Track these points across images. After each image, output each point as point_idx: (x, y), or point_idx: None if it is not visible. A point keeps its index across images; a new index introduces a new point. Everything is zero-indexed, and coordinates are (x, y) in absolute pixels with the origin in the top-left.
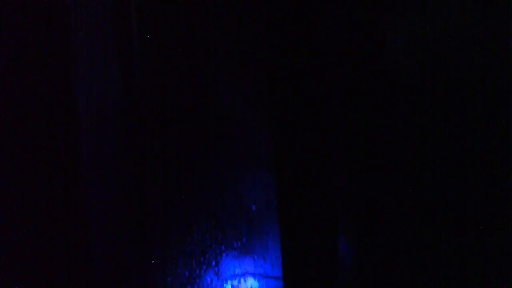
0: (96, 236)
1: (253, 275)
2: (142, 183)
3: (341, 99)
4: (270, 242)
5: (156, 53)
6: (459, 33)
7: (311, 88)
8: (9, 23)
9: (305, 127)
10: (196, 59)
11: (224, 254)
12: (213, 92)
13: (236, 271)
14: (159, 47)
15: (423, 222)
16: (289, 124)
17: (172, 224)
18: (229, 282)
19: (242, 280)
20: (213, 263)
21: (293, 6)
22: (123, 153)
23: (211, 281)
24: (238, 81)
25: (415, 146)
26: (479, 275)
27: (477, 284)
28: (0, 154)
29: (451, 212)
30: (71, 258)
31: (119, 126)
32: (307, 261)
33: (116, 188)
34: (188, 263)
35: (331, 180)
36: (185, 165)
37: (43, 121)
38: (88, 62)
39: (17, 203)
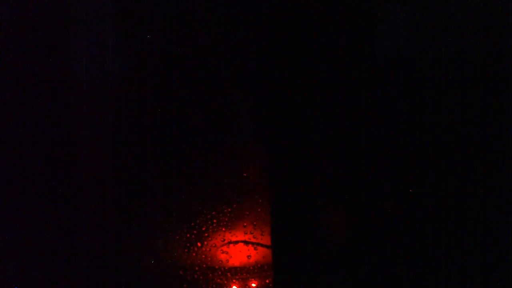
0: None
1: (243, 242)
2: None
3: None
4: (261, 209)
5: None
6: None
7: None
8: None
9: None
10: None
11: (214, 220)
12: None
13: (226, 236)
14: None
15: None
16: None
17: (164, 189)
18: (219, 247)
19: (231, 246)
20: (203, 228)
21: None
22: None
23: (201, 245)
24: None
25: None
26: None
27: None
28: None
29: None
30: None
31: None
32: (296, 229)
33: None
34: (179, 227)
35: (325, 151)
36: (180, 137)
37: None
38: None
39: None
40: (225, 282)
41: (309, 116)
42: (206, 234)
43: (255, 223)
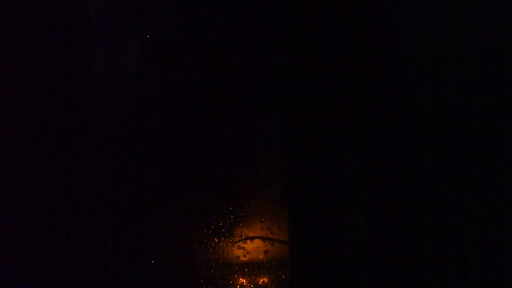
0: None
1: (260, 237)
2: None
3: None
4: (278, 205)
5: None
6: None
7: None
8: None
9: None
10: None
11: (231, 215)
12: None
13: (243, 232)
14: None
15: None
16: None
17: (180, 185)
18: (235, 243)
19: (248, 241)
20: (220, 223)
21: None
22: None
23: (218, 241)
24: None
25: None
26: None
27: None
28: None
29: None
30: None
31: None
32: (314, 225)
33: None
34: (195, 223)
35: (342, 147)
36: (198, 133)
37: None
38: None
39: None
40: (242, 277)
41: (325, 112)
42: (223, 230)
43: (272, 218)
